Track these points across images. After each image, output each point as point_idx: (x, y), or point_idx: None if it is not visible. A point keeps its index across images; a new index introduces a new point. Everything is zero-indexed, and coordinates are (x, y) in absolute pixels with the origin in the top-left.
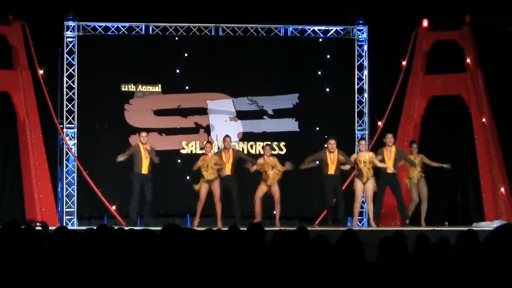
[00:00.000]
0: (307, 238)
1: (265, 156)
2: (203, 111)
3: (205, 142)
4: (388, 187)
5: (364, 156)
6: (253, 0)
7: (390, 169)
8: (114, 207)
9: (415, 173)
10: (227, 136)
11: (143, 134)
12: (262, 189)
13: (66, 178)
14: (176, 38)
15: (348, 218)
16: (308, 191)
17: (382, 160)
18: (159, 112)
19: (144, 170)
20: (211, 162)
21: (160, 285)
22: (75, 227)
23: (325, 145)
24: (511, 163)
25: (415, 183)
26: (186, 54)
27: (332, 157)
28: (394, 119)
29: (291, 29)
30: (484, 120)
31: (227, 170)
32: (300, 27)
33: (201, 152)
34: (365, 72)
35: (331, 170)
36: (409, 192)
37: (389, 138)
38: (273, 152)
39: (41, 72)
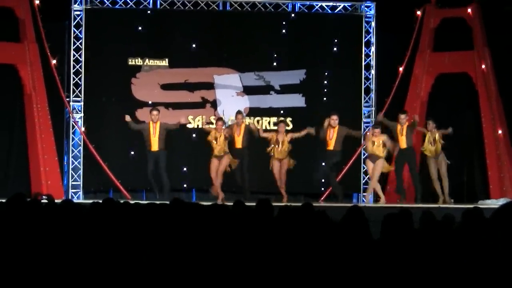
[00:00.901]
0: (312, 214)
1: (280, 132)
2: (210, 86)
3: (217, 119)
4: (406, 163)
5: (378, 139)
6: None
7: (403, 144)
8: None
9: (430, 148)
10: (239, 112)
11: (154, 112)
12: (275, 165)
13: (72, 151)
14: (184, 13)
15: (354, 194)
16: (314, 167)
17: (395, 137)
18: (166, 86)
19: (154, 147)
20: (221, 136)
21: (165, 258)
22: (81, 201)
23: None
24: None
25: (432, 159)
26: (193, 29)
27: (332, 133)
28: (401, 96)
29: (299, 5)
30: (491, 97)
31: (238, 143)
32: (308, 2)
33: (207, 127)
34: (372, 49)
35: (330, 145)
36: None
37: (402, 118)
38: None
39: (48, 45)
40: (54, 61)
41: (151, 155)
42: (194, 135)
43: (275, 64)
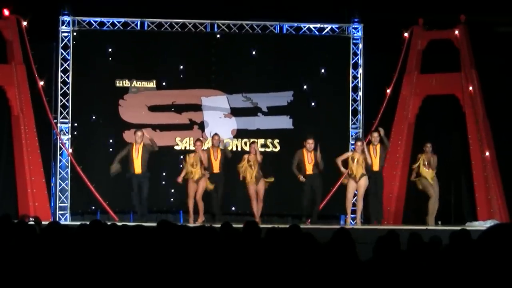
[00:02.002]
0: (300, 236)
1: (251, 153)
2: (197, 108)
3: (195, 140)
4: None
5: (358, 155)
6: None
7: (376, 167)
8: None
9: (430, 174)
10: (215, 134)
11: (139, 133)
12: (251, 189)
13: (60, 173)
14: (171, 35)
15: (341, 216)
16: (301, 188)
17: (369, 159)
18: (153, 108)
19: (137, 170)
20: (199, 160)
21: (153, 280)
22: (68, 222)
23: (304, 144)
24: (504, 163)
25: (431, 183)
26: (181, 51)
27: (310, 157)
28: (388, 118)
29: (286, 27)
30: (478, 120)
31: (216, 168)
32: (296, 24)
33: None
34: (360, 71)
35: (309, 169)
36: (425, 190)
37: (375, 137)
38: (267, 150)
39: (35, 66)
40: (41, 83)
41: (135, 177)
42: (182, 157)
43: (262, 86)
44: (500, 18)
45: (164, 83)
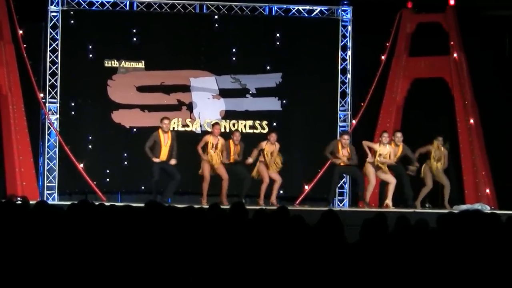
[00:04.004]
0: (288, 218)
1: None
2: (186, 88)
3: (214, 123)
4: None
5: (385, 150)
6: None
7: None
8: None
9: (435, 165)
10: (236, 130)
11: (166, 121)
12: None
13: (48, 152)
14: (160, 15)
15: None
16: (290, 170)
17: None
18: (142, 89)
19: (163, 157)
20: (221, 145)
21: (140, 260)
22: (56, 202)
23: (340, 139)
24: (492, 146)
25: (435, 172)
26: (170, 31)
27: (345, 152)
28: (377, 101)
29: (275, 8)
30: (466, 103)
31: (232, 159)
32: (285, 6)
33: (183, 129)
34: (349, 53)
35: (342, 162)
36: (424, 178)
37: (398, 137)
38: (255, 131)
39: (24, 46)
40: (30, 62)
41: (160, 164)
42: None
43: (251, 67)
44: (489, 1)
45: (152, 64)
